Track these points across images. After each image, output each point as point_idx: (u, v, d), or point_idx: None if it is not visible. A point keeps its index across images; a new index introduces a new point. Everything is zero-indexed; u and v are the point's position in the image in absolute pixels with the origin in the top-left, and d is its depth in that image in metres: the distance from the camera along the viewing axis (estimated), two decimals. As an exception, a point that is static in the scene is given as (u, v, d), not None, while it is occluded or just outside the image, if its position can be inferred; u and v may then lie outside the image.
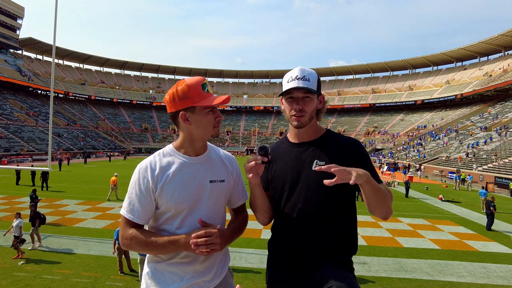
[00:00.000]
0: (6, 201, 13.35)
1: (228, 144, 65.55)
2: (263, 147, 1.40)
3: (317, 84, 1.48)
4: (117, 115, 71.11)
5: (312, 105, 1.48)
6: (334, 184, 1.39)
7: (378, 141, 56.83)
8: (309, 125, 1.51)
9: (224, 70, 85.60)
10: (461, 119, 49.33)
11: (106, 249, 7.88)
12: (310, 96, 1.46)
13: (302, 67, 1.49)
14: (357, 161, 1.43)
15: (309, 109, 1.47)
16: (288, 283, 1.49)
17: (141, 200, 1.36)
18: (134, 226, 1.37)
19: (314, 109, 1.50)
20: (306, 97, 1.46)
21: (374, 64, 76.53)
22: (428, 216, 12.77)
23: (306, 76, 1.45)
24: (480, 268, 7.33)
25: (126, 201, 1.38)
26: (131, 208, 1.36)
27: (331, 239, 1.44)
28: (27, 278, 6.20)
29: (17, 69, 56.39)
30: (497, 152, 29.34)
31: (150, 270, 1.44)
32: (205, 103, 1.37)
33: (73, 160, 37.38)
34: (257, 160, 1.38)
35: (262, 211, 1.55)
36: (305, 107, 1.46)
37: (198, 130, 1.41)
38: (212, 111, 1.41)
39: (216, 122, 1.42)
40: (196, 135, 1.43)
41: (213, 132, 1.43)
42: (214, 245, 1.32)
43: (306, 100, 1.46)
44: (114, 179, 14.32)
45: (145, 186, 1.36)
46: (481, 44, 56.71)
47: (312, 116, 1.50)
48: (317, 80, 1.48)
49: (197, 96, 1.37)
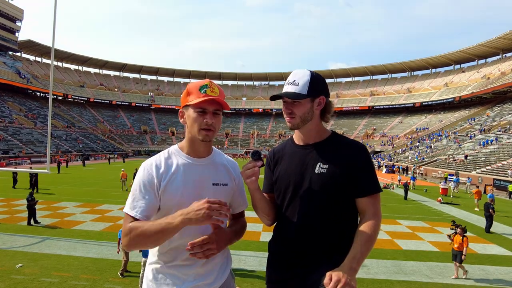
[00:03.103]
0: (4, 203, 13.32)
1: (227, 146, 65.54)
2: (256, 152, 1.42)
3: (309, 87, 1.46)
4: (116, 118, 71.04)
5: (302, 108, 1.48)
6: (337, 188, 1.42)
7: (377, 144, 56.91)
8: (310, 127, 1.53)
9: (223, 73, 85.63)
10: (460, 122, 49.49)
11: (104, 252, 7.85)
12: (298, 100, 1.47)
13: (296, 71, 1.51)
14: (358, 168, 1.44)
15: (299, 112, 1.48)
16: (287, 282, 1.50)
17: (145, 196, 1.35)
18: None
19: (306, 112, 1.48)
20: (294, 101, 1.48)
21: (372, 67, 76.73)
22: (427, 219, 12.78)
23: (296, 80, 1.47)
24: (479, 271, 7.34)
25: (130, 198, 1.38)
26: (134, 205, 1.35)
27: (332, 241, 1.45)
28: (25, 281, 6.16)
29: (16, 71, 56.34)
30: (495, 154, 29.43)
31: (151, 273, 1.43)
32: (192, 102, 1.38)
33: (72, 163, 37.29)
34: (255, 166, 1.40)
35: (264, 214, 1.58)
36: (294, 110, 1.48)
37: (190, 130, 1.44)
38: (203, 113, 1.39)
39: (203, 124, 1.39)
40: (192, 135, 1.44)
41: (200, 134, 1.40)
42: (210, 250, 1.33)
43: (295, 104, 1.48)
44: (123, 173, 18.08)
45: (150, 182, 1.37)
46: (479, 46, 56.93)
47: (304, 118, 1.49)
48: (309, 82, 1.46)
49: (192, 95, 1.40)
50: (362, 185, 1.44)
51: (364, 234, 1.37)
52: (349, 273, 1.22)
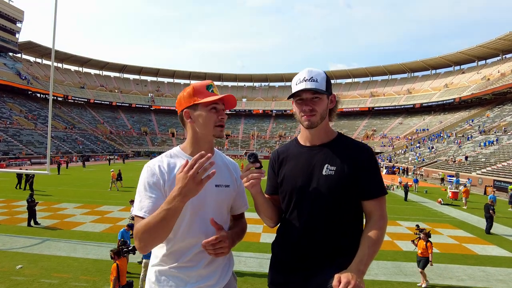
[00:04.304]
0: (4, 205, 13.32)
1: (227, 147, 65.53)
2: (252, 154, 1.39)
3: (326, 84, 1.46)
4: (116, 119, 71.07)
5: (323, 105, 1.47)
6: (343, 190, 1.41)
7: (377, 145, 56.90)
8: (320, 127, 1.51)
9: (223, 74, 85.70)
10: (460, 123, 49.50)
11: (104, 253, 7.84)
12: (319, 96, 1.46)
13: (309, 68, 1.48)
14: (365, 170, 1.44)
15: (320, 108, 1.46)
16: (289, 285, 1.49)
17: (152, 196, 1.34)
18: None
19: (325, 109, 1.49)
20: (315, 98, 1.46)
21: (372, 68, 76.79)
22: (427, 220, 12.76)
23: (314, 77, 1.45)
24: (479, 272, 7.32)
25: (137, 200, 1.36)
26: (141, 206, 1.33)
27: (335, 244, 1.44)
28: (25, 282, 6.16)
29: (16, 72, 56.39)
30: (495, 155, 29.42)
31: (153, 275, 1.43)
32: (205, 99, 1.39)
33: (72, 164, 37.28)
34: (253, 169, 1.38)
35: (266, 217, 1.57)
36: (315, 107, 1.46)
37: (201, 129, 1.42)
38: (215, 110, 1.41)
39: (218, 120, 1.42)
40: (200, 134, 1.44)
41: (215, 131, 1.42)
42: (222, 248, 1.35)
43: (316, 100, 1.46)
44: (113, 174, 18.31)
45: (155, 181, 1.36)
46: (479, 48, 56.99)
47: (323, 116, 1.49)
48: (325, 79, 1.47)
49: (200, 94, 1.41)
50: (369, 188, 1.44)
51: (371, 237, 1.37)
52: (357, 275, 1.22)
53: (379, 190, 1.45)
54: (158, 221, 1.22)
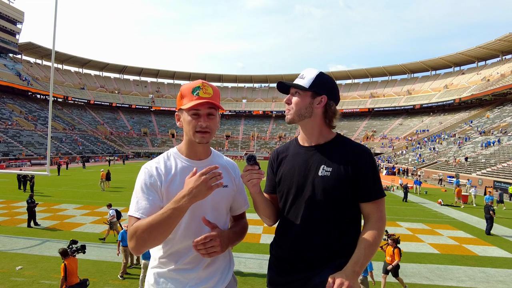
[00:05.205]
0: (4, 206, 13.31)
1: (227, 148, 65.53)
2: (251, 156, 1.41)
3: (313, 82, 1.45)
4: (116, 120, 71.10)
5: (300, 102, 1.47)
6: (339, 192, 1.41)
7: (377, 146, 56.91)
8: (313, 127, 1.51)
9: (223, 75, 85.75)
10: (460, 124, 49.51)
11: (104, 254, 7.84)
12: (298, 92, 1.48)
13: (308, 68, 1.52)
14: (363, 172, 1.42)
15: (297, 105, 1.47)
16: (287, 285, 1.49)
17: (149, 197, 1.34)
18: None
19: (303, 106, 1.47)
20: (295, 93, 1.49)
21: (372, 69, 76.85)
22: (427, 221, 12.75)
23: (304, 74, 1.49)
24: (479, 273, 7.32)
25: (133, 201, 1.36)
26: (138, 207, 1.33)
27: (333, 244, 1.43)
28: (25, 283, 6.16)
29: (16, 73, 56.41)
30: (495, 156, 29.41)
31: (152, 277, 1.43)
32: (185, 105, 1.37)
33: (72, 165, 37.27)
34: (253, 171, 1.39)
35: (265, 216, 1.58)
36: (292, 102, 1.49)
37: (186, 133, 1.43)
38: (197, 115, 1.37)
39: (197, 126, 1.37)
40: (189, 138, 1.43)
41: (195, 137, 1.38)
42: (214, 248, 1.33)
43: (296, 95, 1.48)
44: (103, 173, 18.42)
45: (152, 182, 1.36)
46: (479, 49, 57.06)
47: (301, 113, 1.48)
48: (314, 78, 1.46)
49: (185, 98, 1.39)
50: (366, 190, 1.43)
51: (368, 239, 1.37)
52: (352, 276, 1.23)
53: (377, 192, 1.44)
54: (163, 220, 1.22)
